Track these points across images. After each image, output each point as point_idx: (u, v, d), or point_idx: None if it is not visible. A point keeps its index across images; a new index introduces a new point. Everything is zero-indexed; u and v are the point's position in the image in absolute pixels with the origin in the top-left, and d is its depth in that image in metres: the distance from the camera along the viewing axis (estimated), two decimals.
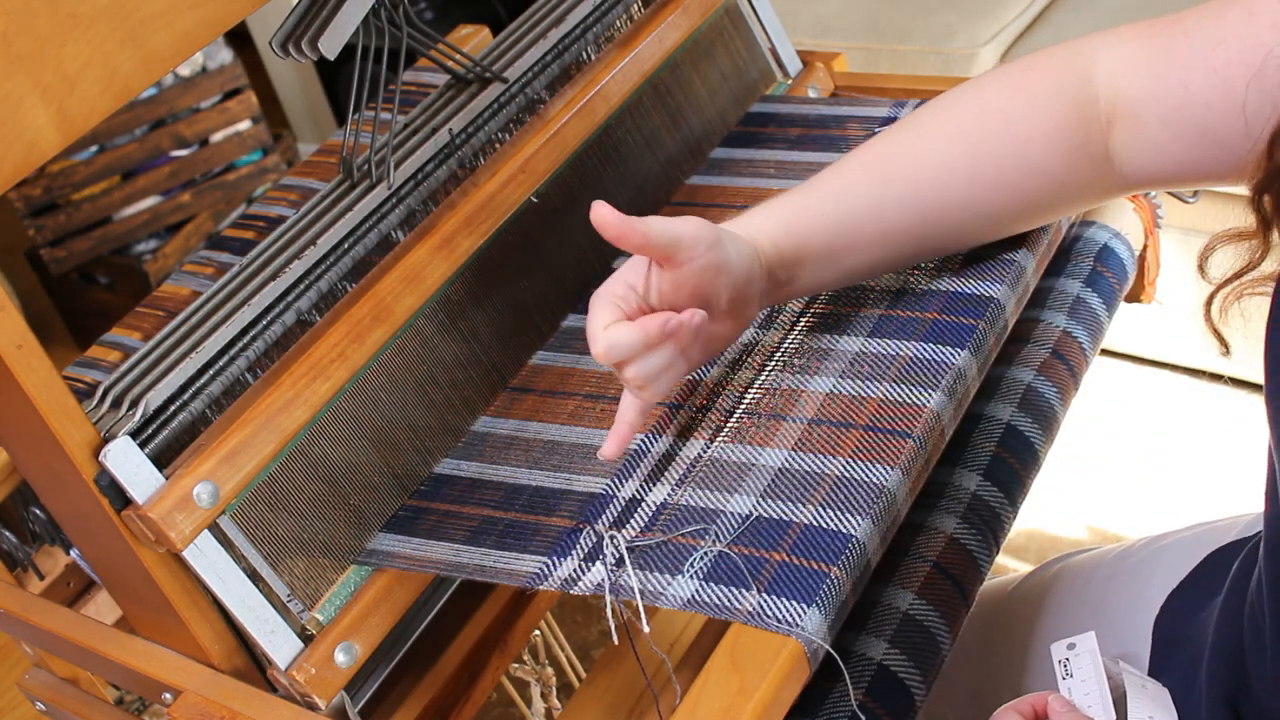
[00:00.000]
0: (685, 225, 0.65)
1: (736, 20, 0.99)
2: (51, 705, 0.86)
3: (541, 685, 1.11)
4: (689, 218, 0.66)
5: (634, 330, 0.64)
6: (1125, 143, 0.71)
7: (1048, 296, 0.87)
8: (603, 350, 0.64)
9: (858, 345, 0.75)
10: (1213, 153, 0.67)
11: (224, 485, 0.66)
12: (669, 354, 0.66)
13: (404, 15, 0.79)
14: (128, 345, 0.95)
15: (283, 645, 0.68)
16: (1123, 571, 0.82)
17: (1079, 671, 0.68)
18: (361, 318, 0.74)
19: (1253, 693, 0.63)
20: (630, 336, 0.64)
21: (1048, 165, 0.72)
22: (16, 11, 0.58)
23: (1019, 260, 0.79)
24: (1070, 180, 0.73)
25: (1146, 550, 0.82)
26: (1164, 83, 0.67)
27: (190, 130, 2.34)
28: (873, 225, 0.73)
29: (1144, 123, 0.69)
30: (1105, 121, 0.71)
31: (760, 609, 0.61)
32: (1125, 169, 0.72)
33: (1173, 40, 0.68)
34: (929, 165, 0.72)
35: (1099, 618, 0.78)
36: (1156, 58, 0.68)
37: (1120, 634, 0.75)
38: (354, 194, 0.79)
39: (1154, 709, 0.65)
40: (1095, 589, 0.82)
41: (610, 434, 0.69)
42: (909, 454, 0.68)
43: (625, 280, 0.66)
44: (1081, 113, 0.71)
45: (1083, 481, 1.71)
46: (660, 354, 0.66)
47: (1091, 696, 0.66)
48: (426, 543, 0.72)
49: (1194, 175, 0.71)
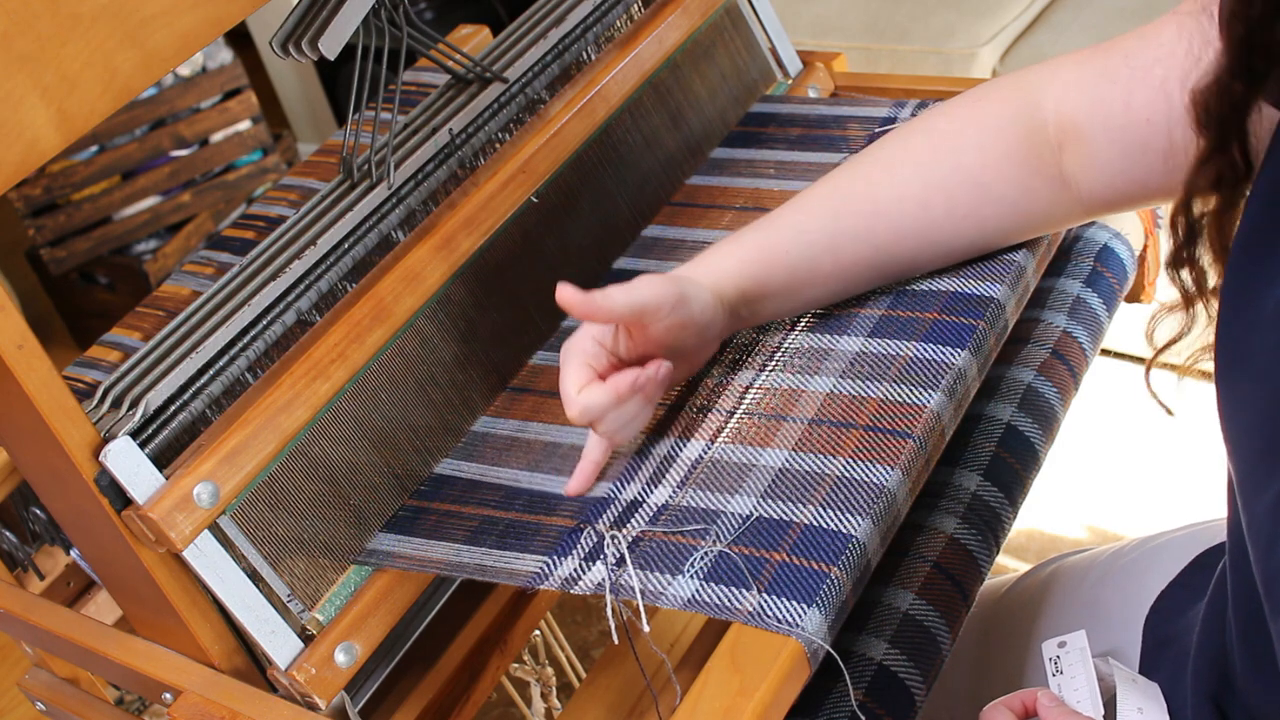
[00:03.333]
0: (648, 290, 0.68)
1: (736, 20, 0.99)
2: (51, 705, 0.86)
3: (541, 685, 1.11)
4: (650, 280, 0.69)
5: (606, 392, 0.67)
6: (1078, 165, 0.72)
7: (1048, 296, 0.87)
8: (578, 414, 0.68)
9: (858, 345, 0.75)
10: (1161, 168, 0.68)
11: (224, 485, 0.66)
12: (637, 404, 0.70)
13: (404, 15, 0.79)
14: (128, 345, 0.95)
15: (283, 645, 0.68)
16: (1115, 572, 0.82)
17: (1069, 669, 0.68)
18: (361, 318, 0.74)
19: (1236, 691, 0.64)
20: (604, 399, 0.68)
21: (1002, 192, 0.74)
22: (16, 11, 0.58)
23: (1019, 260, 0.79)
24: (1027, 205, 0.75)
25: (1139, 551, 0.82)
26: (1108, 104, 0.70)
27: (190, 130, 2.34)
28: (830, 260, 0.75)
29: (1092, 143, 0.71)
30: (1056, 145, 0.73)
31: (760, 609, 0.61)
32: (1081, 191, 0.73)
33: (1112, 60, 0.70)
34: (883, 199, 0.74)
35: (1092, 618, 0.78)
36: (1100, 80, 0.70)
37: (1113, 634, 0.75)
38: (354, 194, 0.79)
39: (1144, 701, 0.66)
40: (1089, 589, 0.83)
41: (576, 472, 0.71)
42: (909, 454, 0.68)
43: (593, 337, 0.70)
44: (1031, 139, 0.72)
45: (1083, 481, 1.71)
46: (629, 405, 0.69)
47: (1081, 692, 0.66)
48: (427, 543, 0.72)
49: (1146, 193, 0.72)
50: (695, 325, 0.71)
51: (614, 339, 0.70)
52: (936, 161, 0.74)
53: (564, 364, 0.69)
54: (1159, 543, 0.82)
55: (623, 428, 0.70)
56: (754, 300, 0.74)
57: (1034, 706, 0.64)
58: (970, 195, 0.74)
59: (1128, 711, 0.65)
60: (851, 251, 0.75)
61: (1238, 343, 0.56)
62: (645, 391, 0.69)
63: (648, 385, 0.68)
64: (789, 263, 0.74)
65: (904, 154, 0.75)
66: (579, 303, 0.66)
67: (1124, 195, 0.74)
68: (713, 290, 0.72)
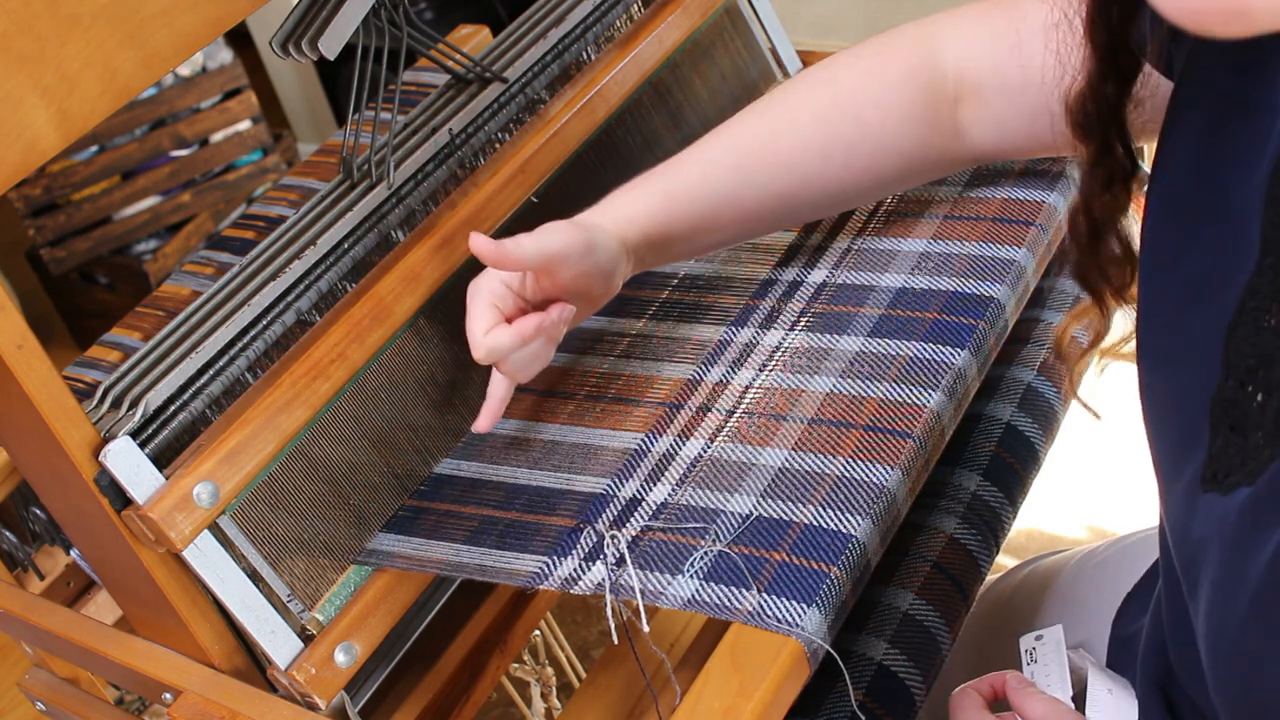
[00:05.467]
0: (557, 237, 0.71)
1: (736, 20, 0.99)
2: (51, 705, 0.86)
3: (541, 685, 1.11)
4: (558, 227, 0.71)
5: (512, 335, 0.70)
6: (972, 119, 0.77)
7: (1048, 296, 0.87)
8: (483, 355, 0.70)
9: (858, 345, 0.75)
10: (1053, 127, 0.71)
11: (224, 485, 0.66)
12: (540, 344, 0.73)
13: (404, 15, 0.79)
14: (128, 345, 0.95)
15: (283, 645, 0.68)
16: (1088, 571, 0.83)
17: (1043, 659, 0.68)
18: (361, 318, 0.74)
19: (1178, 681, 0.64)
20: (509, 341, 0.70)
21: (899, 145, 0.77)
22: (16, 12, 0.58)
23: (1019, 260, 0.79)
24: (920, 155, 0.79)
25: (1111, 550, 0.83)
26: (1005, 62, 0.74)
27: (190, 130, 2.34)
28: (732, 210, 0.78)
29: (988, 100, 0.76)
30: (953, 99, 0.76)
31: (760, 609, 0.61)
32: (974, 142, 0.78)
33: (1010, 21, 0.74)
34: (784, 149, 0.77)
35: (1065, 618, 0.78)
36: (1000, 39, 0.74)
37: (1085, 633, 0.76)
38: (354, 194, 0.79)
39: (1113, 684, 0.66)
40: (1063, 588, 0.83)
41: (483, 411, 0.75)
42: (909, 454, 0.68)
43: (501, 279, 0.72)
44: (930, 94, 0.76)
45: (1083, 481, 1.71)
46: (532, 346, 0.72)
47: (1052, 678, 0.66)
48: (426, 542, 0.72)
49: (1038, 146, 0.78)
50: (601, 272, 0.73)
51: (520, 283, 0.72)
52: (839, 115, 0.77)
53: (470, 304, 0.71)
54: (1129, 542, 0.82)
55: (525, 367, 0.73)
56: (658, 245, 0.77)
57: (1003, 689, 0.65)
58: (869, 148, 0.77)
59: (1098, 693, 0.65)
60: (754, 200, 0.78)
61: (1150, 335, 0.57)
62: (549, 332, 0.72)
63: (552, 328, 0.71)
64: (693, 210, 0.77)
65: (808, 105, 0.78)
66: (490, 251, 0.69)
67: (1016, 148, 0.79)
68: (618, 237, 0.74)
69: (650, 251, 0.77)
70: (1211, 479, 0.51)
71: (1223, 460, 0.50)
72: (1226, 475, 0.50)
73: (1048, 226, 0.82)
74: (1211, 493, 0.51)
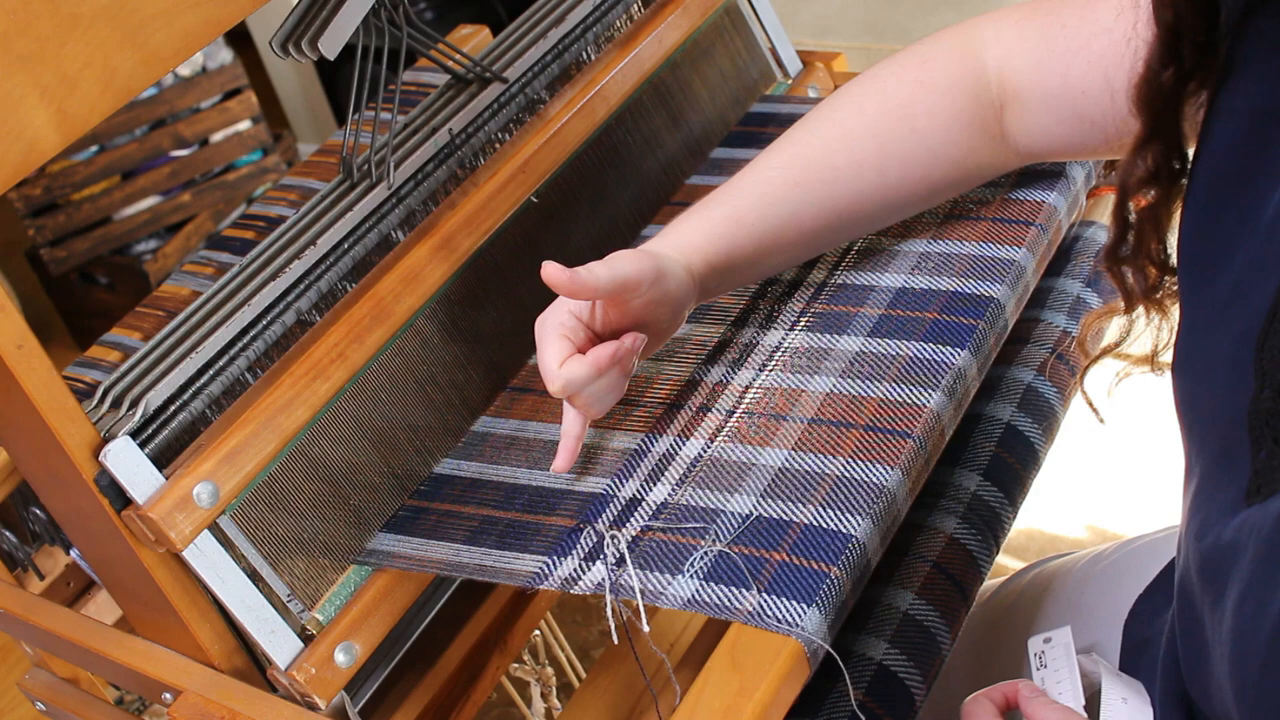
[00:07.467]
0: (629, 265, 0.69)
1: (736, 20, 0.99)
2: (51, 705, 0.86)
3: (541, 685, 1.11)
4: (629, 255, 0.70)
5: (587, 365, 0.68)
6: (1016, 125, 0.77)
7: (1048, 296, 0.87)
8: (560, 387, 0.68)
9: (858, 345, 0.75)
10: (1093, 133, 0.73)
11: (224, 485, 0.66)
12: (615, 376, 0.70)
13: (404, 15, 0.79)
14: (128, 345, 0.95)
15: (283, 645, 0.68)
16: (1095, 575, 0.82)
17: (1052, 663, 0.68)
18: (361, 318, 0.74)
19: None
20: (585, 372, 0.68)
21: (950, 153, 0.77)
22: (16, 11, 0.58)
23: (1019, 260, 0.79)
24: (973, 162, 0.79)
25: (1118, 553, 0.83)
26: (1045, 72, 0.74)
27: (190, 130, 2.34)
28: (794, 229, 0.77)
29: (1030, 108, 0.76)
30: (998, 105, 0.77)
31: (760, 609, 0.61)
32: (1020, 146, 0.78)
33: (1051, 30, 0.74)
34: (840, 165, 0.77)
35: (1073, 622, 0.78)
36: (1039, 47, 0.74)
37: (1094, 637, 0.75)
38: (354, 194, 0.79)
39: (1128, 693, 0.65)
40: (1070, 592, 0.83)
41: (560, 449, 0.72)
42: (909, 454, 0.68)
43: (571, 311, 0.70)
44: (977, 100, 0.76)
45: (1083, 481, 1.71)
46: (607, 378, 0.70)
47: (1063, 685, 0.66)
48: (426, 543, 0.72)
49: (1084, 152, 0.80)
50: (669, 300, 0.72)
51: (590, 313, 0.70)
52: (891, 128, 0.77)
53: (542, 339, 0.70)
54: (1136, 546, 0.82)
55: (599, 399, 0.71)
56: (722, 272, 0.76)
57: (1015, 698, 0.65)
58: (924, 158, 0.77)
59: (1112, 701, 0.65)
60: (813, 218, 0.77)
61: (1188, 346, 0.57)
62: (623, 364, 0.70)
63: (626, 357, 0.69)
64: (755, 232, 0.76)
65: (859, 120, 0.77)
66: (564, 279, 0.67)
67: (1060, 152, 0.80)
68: (685, 265, 0.73)
69: (714, 278, 0.75)
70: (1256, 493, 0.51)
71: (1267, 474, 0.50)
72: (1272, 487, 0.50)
73: (1048, 226, 0.82)
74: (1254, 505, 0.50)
